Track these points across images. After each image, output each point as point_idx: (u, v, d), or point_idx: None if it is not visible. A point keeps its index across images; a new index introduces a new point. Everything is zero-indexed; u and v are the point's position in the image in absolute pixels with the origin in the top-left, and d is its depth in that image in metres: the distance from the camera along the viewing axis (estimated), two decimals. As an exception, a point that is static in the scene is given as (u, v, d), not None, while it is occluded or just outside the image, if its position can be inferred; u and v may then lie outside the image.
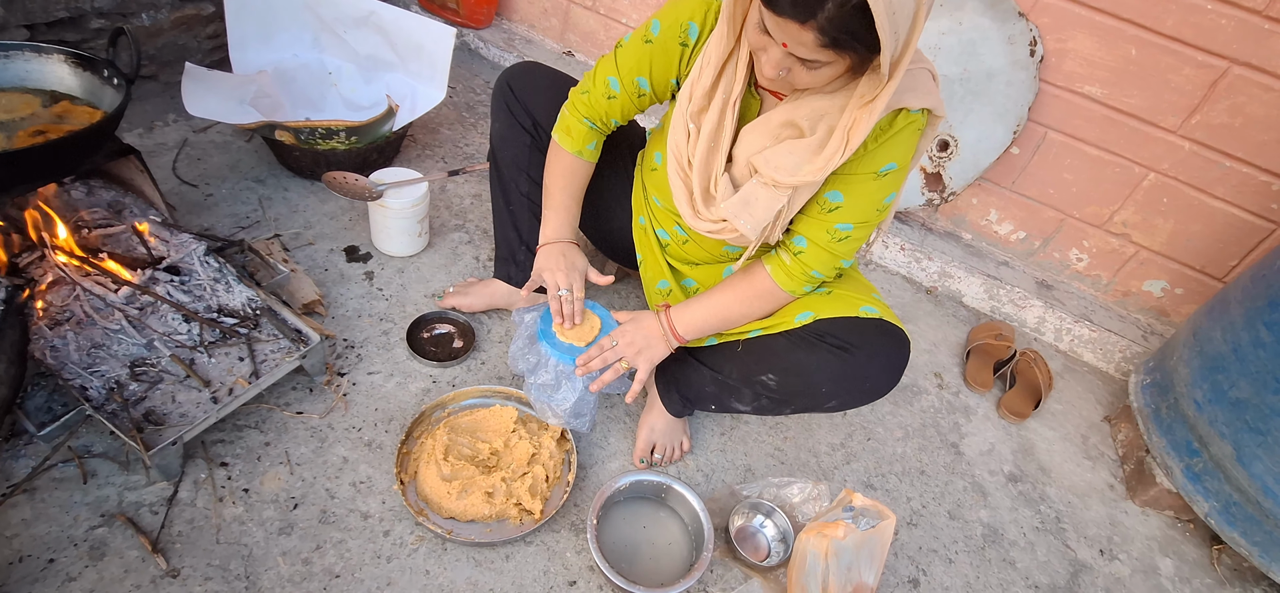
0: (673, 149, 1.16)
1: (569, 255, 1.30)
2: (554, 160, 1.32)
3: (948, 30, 1.76)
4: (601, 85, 1.23)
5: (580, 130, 1.28)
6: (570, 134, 1.28)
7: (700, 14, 1.11)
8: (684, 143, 1.13)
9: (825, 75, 0.92)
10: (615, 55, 1.21)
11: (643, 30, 1.17)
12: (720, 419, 1.53)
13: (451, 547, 1.20)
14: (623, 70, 1.20)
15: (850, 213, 1.10)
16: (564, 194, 1.32)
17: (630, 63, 1.19)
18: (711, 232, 1.18)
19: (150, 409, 1.17)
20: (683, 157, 1.15)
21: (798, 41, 0.86)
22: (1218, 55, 1.59)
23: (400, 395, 1.40)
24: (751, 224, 1.10)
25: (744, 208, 1.09)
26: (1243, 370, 1.40)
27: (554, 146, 1.31)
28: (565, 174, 1.31)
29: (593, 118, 1.27)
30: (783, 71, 0.93)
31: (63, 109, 1.34)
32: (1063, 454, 1.70)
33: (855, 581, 1.21)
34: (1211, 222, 1.77)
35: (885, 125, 1.03)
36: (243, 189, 1.75)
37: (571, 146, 1.29)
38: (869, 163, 1.06)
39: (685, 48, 1.14)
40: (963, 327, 2.00)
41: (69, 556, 1.06)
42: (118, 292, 1.27)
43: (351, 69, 2.01)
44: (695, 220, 1.18)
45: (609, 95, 1.22)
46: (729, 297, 1.23)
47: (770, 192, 1.07)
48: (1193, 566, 1.54)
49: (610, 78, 1.21)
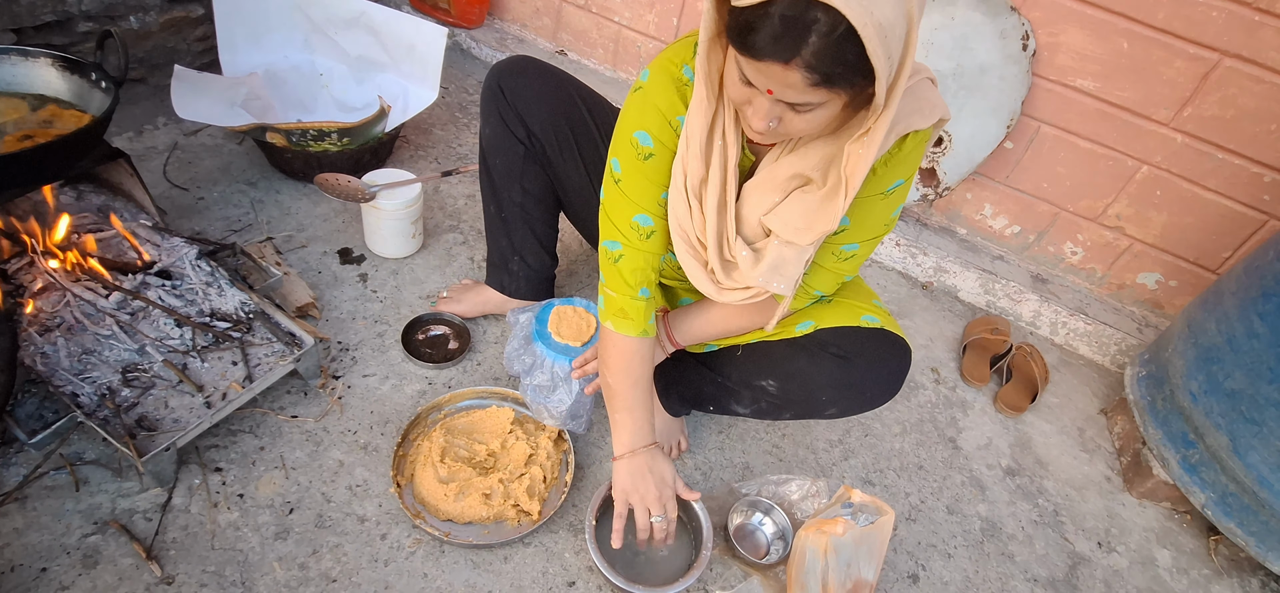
0: (678, 229, 1.05)
1: (657, 469, 1.16)
2: (611, 352, 1.15)
3: (940, 26, 1.76)
4: (635, 236, 1.08)
5: (637, 308, 1.11)
6: (627, 316, 1.11)
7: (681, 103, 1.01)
8: (688, 219, 1.03)
9: (821, 119, 0.81)
10: (617, 204, 1.07)
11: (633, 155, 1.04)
12: (718, 418, 1.53)
13: (449, 549, 1.19)
14: (645, 204, 1.06)
15: (857, 234, 1.06)
16: (634, 391, 1.15)
17: (641, 190, 1.05)
18: (745, 300, 1.08)
19: (143, 415, 1.16)
20: (691, 235, 1.05)
21: (784, 84, 0.76)
22: (1209, 47, 1.59)
23: (396, 398, 1.39)
24: (786, 285, 1.02)
25: (774, 273, 1.01)
26: (1237, 361, 1.41)
27: (608, 334, 1.14)
28: (628, 365, 1.14)
29: (646, 280, 1.11)
30: (773, 122, 0.82)
31: (50, 113, 1.33)
32: (1060, 448, 1.71)
33: (855, 577, 1.21)
34: (1204, 214, 1.78)
35: (894, 151, 0.97)
36: (234, 192, 1.74)
37: (636, 330, 1.12)
38: (876, 185, 1.01)
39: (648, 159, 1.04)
40: (959, 322, 2.00)
41: (62, 564, 1.05)
42: (108, 297, 1.26)
43: (343, 70, 2.00)
44: (721, 294, 1.09)
45: (648, 234, 1.08)
46: (729, 309, 1.20)
47: (796, 250, 0.99)
48: (1190, 557, 1.54)
49: (636, 217, 1.06)
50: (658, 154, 1.03)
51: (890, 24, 0.70)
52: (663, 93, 1.01)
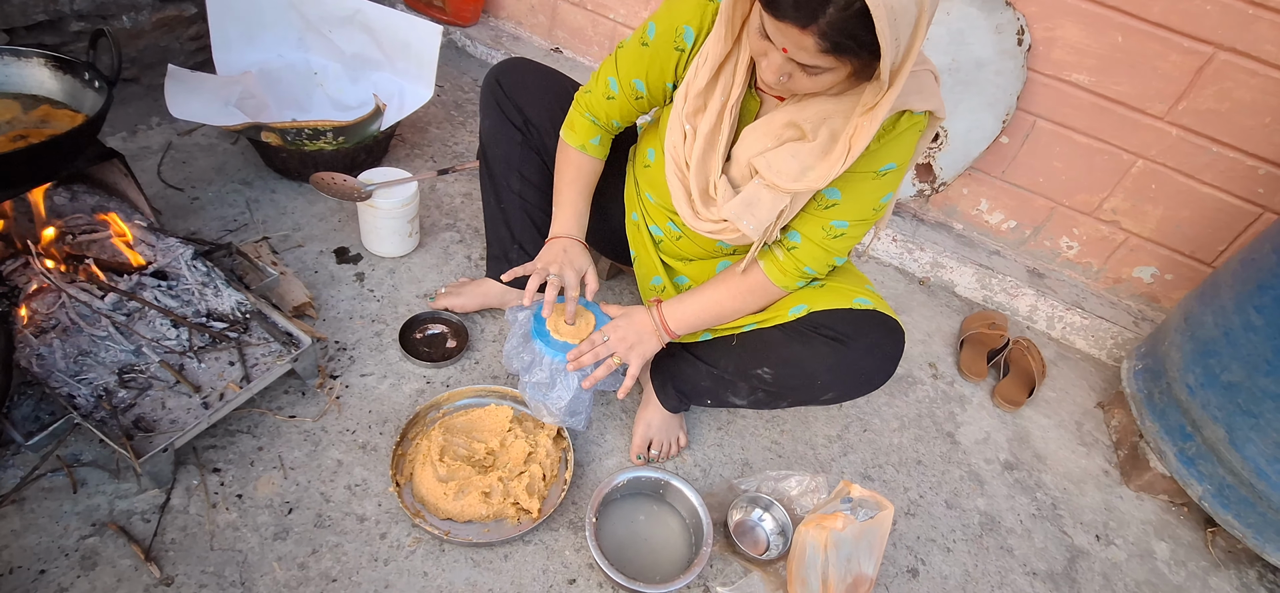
0: (670, 150, 1.15)
1: (571, 252, 1.28)
2: (561, 158, 1.31)
3: (936, 20, 1.76)
4: (601, 86, 1.22)
5: (583, 124, 1.27)
6: (573, 129, 1.28)
7: (696, 18, 1.09)
8: (681, 144, 1.12)
9: (826, 81, 0.91)
10: (615, 56, 1.20)
11: (640, 32, 1.16)
12: (717, 414, 1.53)
13: (449, 548, 1.19)
14: (621, 72, 1.19)
15: (847, 211, 1.09)
16: (571, 190, 1.31)
17: (628, 65, 1.18)
18: (711, 231, 1.16)
19: (140, 416, 1.16)
20: (680, 158, 1.14)
21: (799, 46, 0.84)
22: (1204, 41, 1.59)
23: (394, 397, 1.39)
24: (754, 225, 1.08)
25: (747, 209, 1.07)
26: (1234, 354, 1.41)
27: (561, 145, 1.31)
28: (572, 169, 1.30)
29: (594, 113, 1.26)
30: (783, 77, 0.91)
31: (44, 113, 1.32)
32: (1057, 441, 1.71)
33: (855, 572, 1.21)
34: (1200, 207, 1.78)
35: (888, 126, 1.02)
36: (229, 192, 1.73)
37: (575, 141, 1.28)
38: (870, 162, 1.05)
39: (680, 52, 1.12)
40: (956, 317, 2.00)
41: (60, 566, 1.05)
42: (104, 298, 1.25)
43: (338, 68, 1.99)
44: (695, 221, 1.17)
45: (608, 96, 1.22)
46: (721, 292, 1.23)
47: (773, 193, 1.05)
48: (1188, 549, 1.55)
49: (610, 78, 1.21)
50: (652, 48, 1.13)
51: (902, 9, 0.78)
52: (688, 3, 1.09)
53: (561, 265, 1.25)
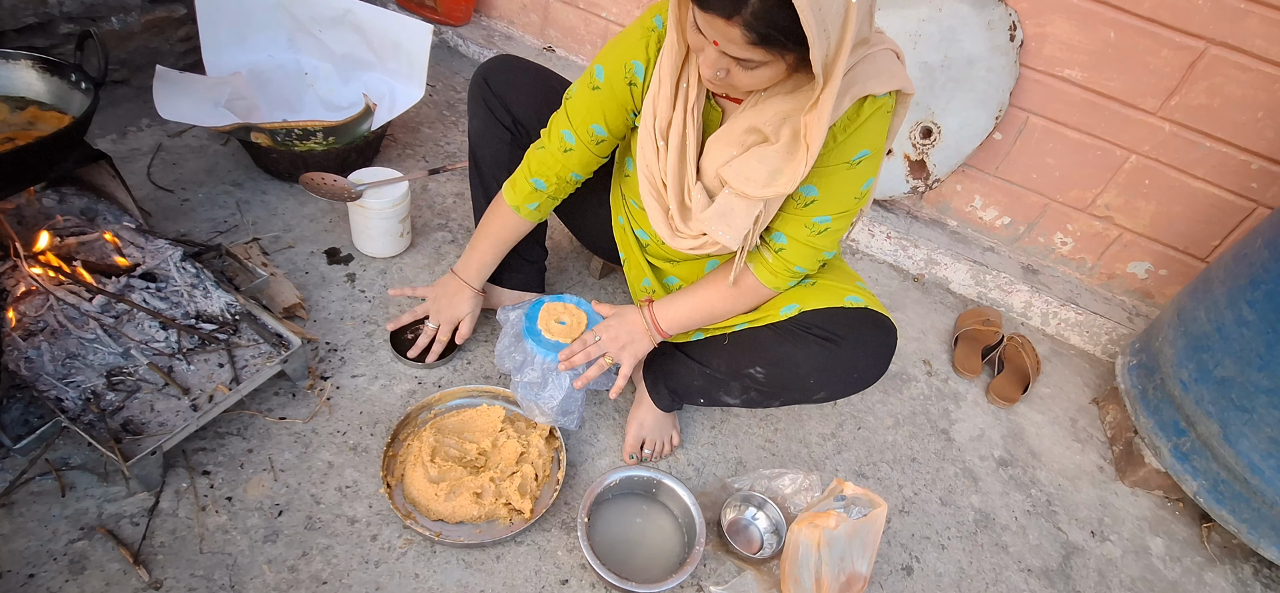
0: (643, 170, 1.13)
1: (457, 299, 1.40)
2: (493, 206, 1.35)
3: (928, 17, 1.76)
4: (556, 141, 1.21)
5: (525, 188, 1.28)
6: (515, 188, 1.30)
7: (641, 51, 1.09)
8: (654, 160, 1.11)
9: (764, 76, 0.90)
10: (565, 109, 1.19)
11: (587, 78, 1.15)
12: (710, 413, 1.53)
13: (441, 549, 1.19)
14: (575, 123, 1.18)
15: (827, 205, 1.08)
16: (489, 240, 1.37)
17: (581, 113, 1.17)
18: (693, 248, 1.15)
19: (128, 419, 1.15)
20: (655, 176, 1.12)
21: (727, 39, 0.84)
22: (1195, 36, 1.59)
23: (385, 398, 1.38)
24: (731, 235, 1.07)
25: (721, 220, 1.06)
26: (1227, 349, 1.41)
27: (497, 197, 1.34)
28: (497, 222, 1.35)
29: (544, 177, 1.25)
30: (720, 72, 0.91)
31: (31, 115, 1.31)
32: (1052, 438, 1.71)
33: (848, 570, 1.20)
34: (1193, 202, 1.78)
35: (852, 115, 1.00)
36: (219, 193, 1.72)
37: (511, 200, 1.30)
38: (840, 154, 1.04)
39: (633, 87, 1.12)
40: (950, 313, 2.00)
41: (49, 570, 1.04)
42: (92, 300, 1.24)
43: (328, 69, 1.98)
44: (674, 239, 1.16)
45: (565, 148, 1.21)
46: (712, 293, 1.22)
47: (745, 201, 1.04)
48: (1183, 544, 1.55)
49: (564, 131, 1.20)
50: (603, 90, 1.14)
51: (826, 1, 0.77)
52: (631, 36, 1.11)
53: (438, 311, 1.41)
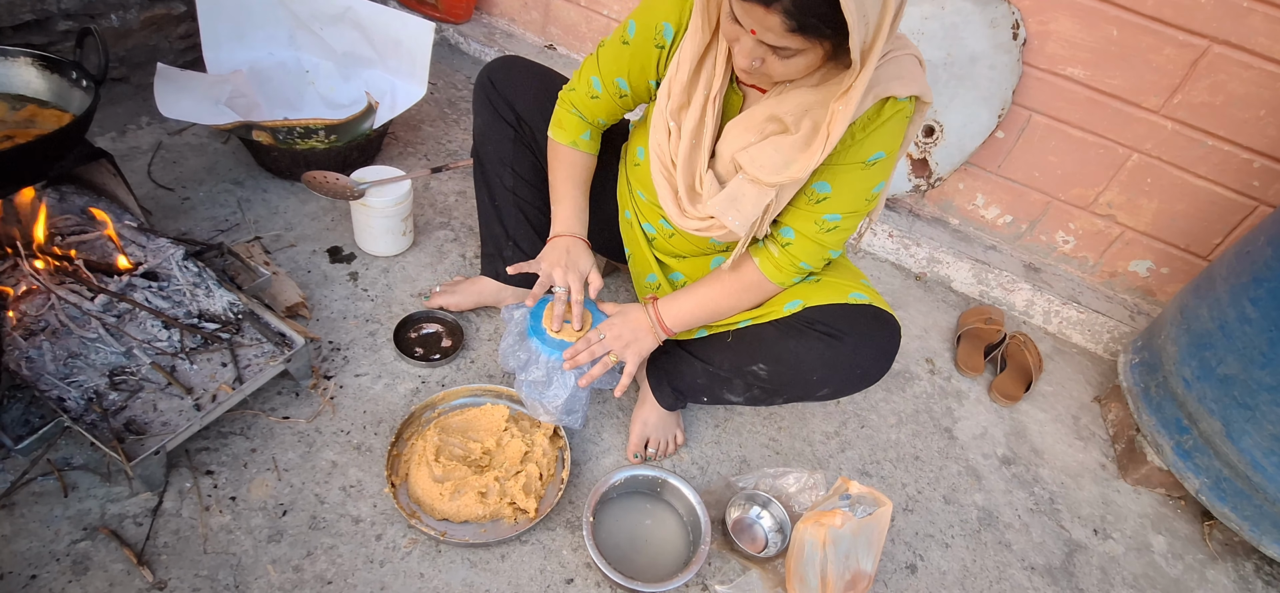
0: (655, 148, 1.14)
1: (573, 252, 1.28)
2: (553, 157, 1.31)
3: (930, 15, 1.76)
4: (585, 85, 1.23)
5: (571, 121, 1.27)
6: (562, 126, 1.28)
7: (674, 14, 1.09)
8: (665, 142, 1.12)
9: (799, 65, 0.90)
10: (597, 55, 1.20)
11: (621, 30, 1.16)
12: (714, 411, 1.52)
13: (445, 549, 1.18)
14: (603, 71, 1.19)
15: (838, 204, 1.08)
16: (567, 185, 1.30)
17: (609, 64, 1.18)
18: (699, 229, 1.16)
19: (131, 419, 1.14)
20: (666, 156, 1.13)
21: (765, 27, 0.84)
22: (1198, 34, 1.59)
23: (389, 397, 1.38)
24: (739, 221, 1.07)
25: (731, 205, 1.07)
26: (1230, 347, 1.41)
27: (551, 143, 1.31)
28: (565, 166, 1.30)
29: (581, 109, 1.26)
30: (756, 62, 0.91)
31: (30, 113, 1.30)
32: (1054, 436, 1.71)
33: (853, 569, 1.20)
34: (1195, 200, 1.78)
35: (872, 115, 1.00)
36: (221, 192, 1.71)
37: (566, 138, 1.28)
38: (856, 153, 1.04)
39: (661, 50, 1.12)
40: (952, 312, 2.00)
41: (51, 571, 1.03)
42: (94, 300, 1.24)
43: (329, 66, 1.97)
44: (681, 219, 1.17)
45: (593, 95, 1.22)
46: (717, 289, 1.22)
47: (757, 188, 1.05)
48: (1185, 542, 1.55)
49: (593, 78, 1.21)
50: (632, 47, 1.14)
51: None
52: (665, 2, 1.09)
53: (565, 267, 1.25)
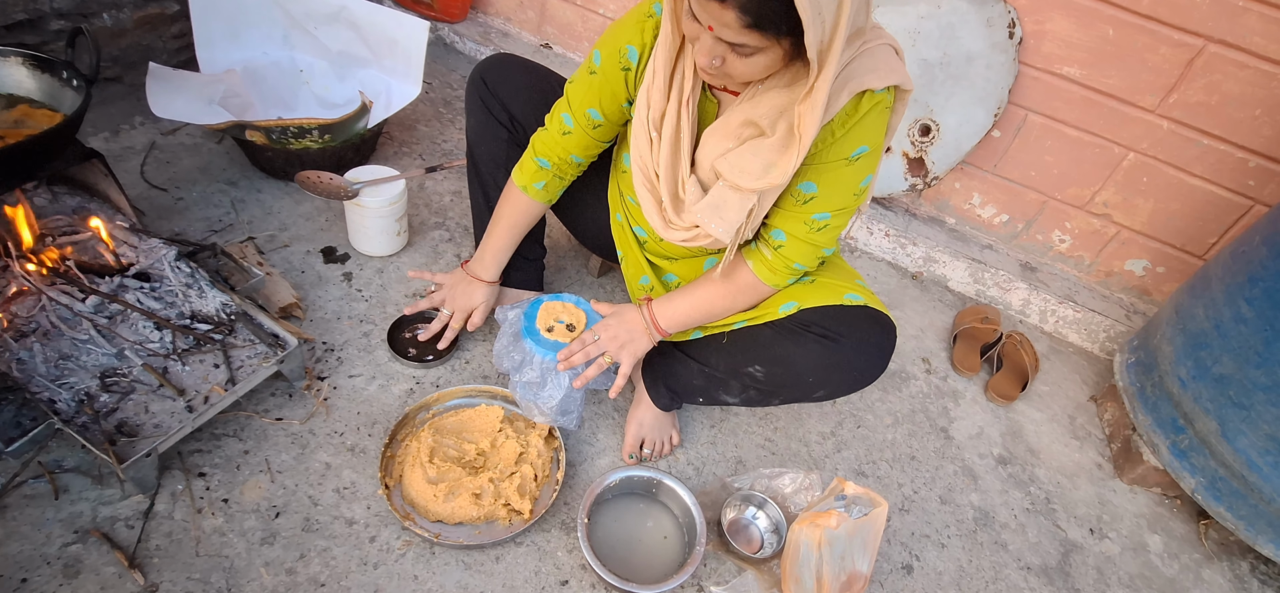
0: (637, 161, 1.14)
1: (471, 291, 1.41)
2: (504, 194, 1.36)
3: (927, 14, 1.76)
4: (556, 124, 1.24)
5: (531, 168, 1.29)
6: (522, 170, 1.31)
7: (636, 37, 1.09)
8: (648, 152, 1.12)
9: (760, 64, 0.90)
10: (567, 94, 1.21)
11: (587, 64, 1.17)
12: (709, 412, 1.52)
13: (440, 550, 1.18)
14: (574, 106, 1.20)
15: (826, 202, 1.07)
16: (501, 225, 1.37)
17: (579, 97, 1.19)
18: (685, 240, 1.16)
19: (123, 421, 1.14)
20: (649, 168, 1.13)
21: (722, 23, 0.84)
22: (1193, 33, 1.59)
23: (383, 398, 1.37)
24: (724, 228, 1.07)
25: (715, 213, 1.06)
26: (1225, 346, 1.41)
27: (508, 183, 1.34)
28: (509, 208, 1.35)
29: (547, 158, 1.27)
30: (716, 61, 0.90)
31: (22, 113, 1.29)
32: (1051, 435, 1.71)
33: (849, 569, 1.20)
34: (1190, 200, 1.79)
35: (851, 110, 0.99)
36: (214, 192, 1.70)
37: (520, 181, 1.31)
38: (838, 150, 1.02)
39: (627, 71, 1.13)
40: (949, 311, 2.00)
41: (43, 575, 1.03)
42: (85, 301, 1.23)
43: (323, 66, 1.96)
44: (667, 231, 1.17)
45: (564, 131, 1.23)
46: (711, 291, 1.21)
47: (739, 194, 1.04)
48: (1181, 541, 1.55)
49: (563, 114, 1.22)
50: (599, 75, 1.15)
51: None
52: (628, 24, 1.10)
53: (454, 298, 1.41)
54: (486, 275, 1.41)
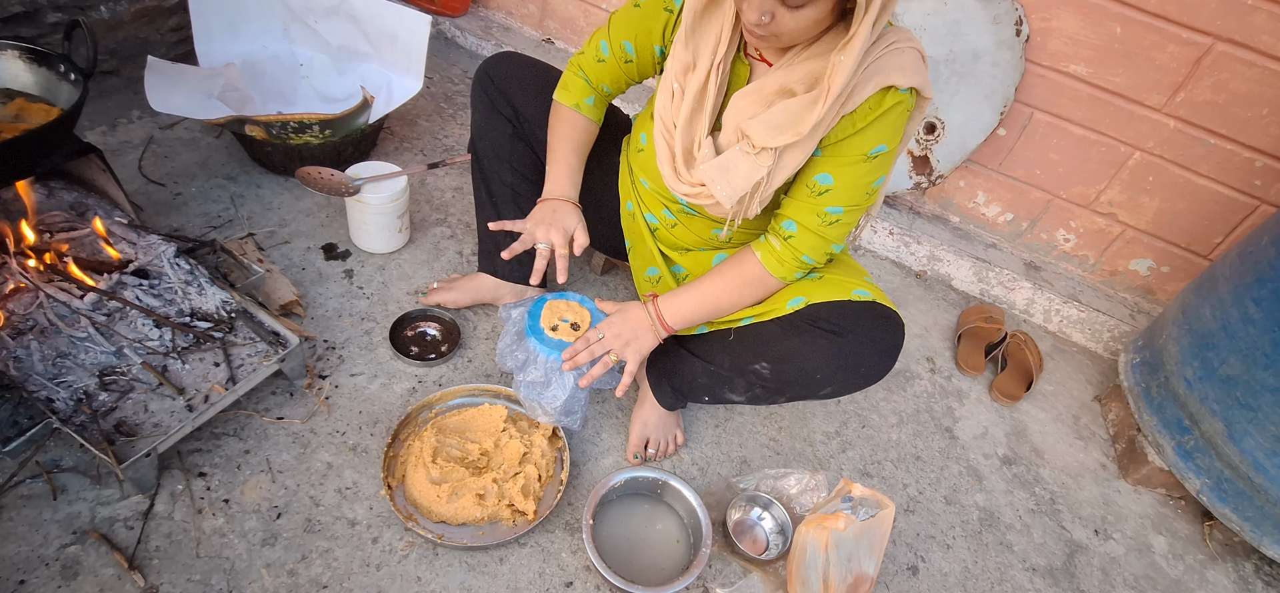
0: (659, 111, 1.15)
1: (560, 212, 1.27)
2: (554, 118, 1.31)
3: (933, 11, 1.74)
4: (592, 50, 1.24)
5: (577, 84, 1.28)
6: (567, 88, 1.29)
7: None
8: (669, 103, 1.12)
9: (809, 18, 0.89)
10: (609, 22, 1.22)
11: None
12: (714, 411, 1.51)
13: (443, 552, 1.17)
14: (613, 35, 1.21)
15: (840, 196, 1.07)
16: (563, 147, 1.30)
17: (619, 27, 1.20)
18: (689, 194, 1.15)
19: (121, 420, 1.12)
20: (668, 118, 1.13)
21: None
22: (1201, 32, 1.58)
23: (385, 397, 1.36)
24: (728, 192, 1.06)
25: (722, 173, 1.06)
26: (1232, 347, 1.41)
27: (555, 105, 1.31)
28: (565, 126, 1.30)
29: (585, 71, 1.27)
30: (765, 16, 0.89)
31: (18, 107, 1.27)
32: (1055, 435, 1.71)
33: (855, 571, 1.19)
34: (1196, 199, 1.78)
35: (874, 103, 0.99)
36: (213, 187, 1.69)
37: (569, 100, 1.29)
38: (858, 144, 1.02)
39: (670, 14, 1.14)
40: (953, 310, 1.99)
41: (40, 576, 1.01)
42: (83, 298, 1.21)
43: (324, 60, 1.95)
44: (675, 182, 1.16)
45: (599, 59, 1.23)
46: (718, 284, 1.20)
47: (751, 161, 1.03)
48: (1185, 542, 1.55)
49: (602, 42, 1.23)
50: (642, 10, 1.16)
51: None
52: None
53: (548, 225, 1.24)
54: (571, 195, 1.30)
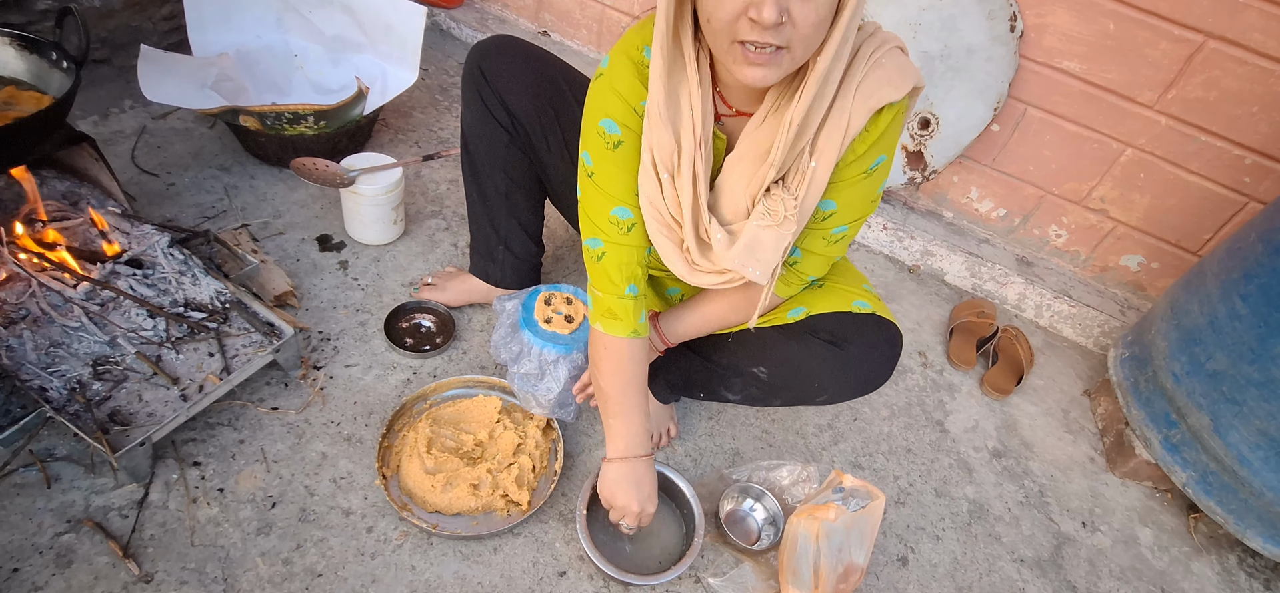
0: (649, 208, 1.01)
1: (641, 483, 1.13)
2: (601, 353, 1.12)
3: (928, 6, 1.75)
4: (612, 228, 1.03)
5: (625, 308, 1.07)
6: (615, 316, 1.08)
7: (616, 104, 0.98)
8: (659, 197, 0.99)
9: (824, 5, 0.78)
10: (593, 198, 1.04)
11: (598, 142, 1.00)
12: (707, 404, 1.52)
13: (437, 541, 1.17)
14: (618, 193, 1.02)
15: (845, 216, 1.04)
16: (625, 394, 1.12)
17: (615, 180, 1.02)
18: (714, 283, 1.06)
19: (115, 409, 1.12)
20: (664, 214, 1.00)
21: None
22: (1194, 29, 1.59)
23: (380, 388, 1.36)
24: (761, 270, 0.98)
25: (749, 255, 0.97)
26: (1219, 343, 1.42)
27: (597, 336, 1.11)
28: (619, 367, 1.11)
29: (633, 279, 1.07)
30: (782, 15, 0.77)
31: (9, 95, 1.27)
32: (1045, 429, 1.72)
33: (846, 561, 1.21)
34: (1187, 196, 1.79)
35: (871, 127, 0.95)
36: (207, 177, 1.68)
37: (623, 330, 1.08)
38: (858, 166, 0.99)
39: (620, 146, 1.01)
40: (945, 305, 2.00)
41: (34, 564, 1.01)
42: (76, 287, 1.21)
43: (318, 51, 1.94)
44: (691, 274, 1.06)
45: (628, 226, 1.04)
46: (722, 305, 1.19)
47: (775, 232, 0.95)
48: (1170, 534, 1.57)
49: (613, 211, 1.03)
50: (626, 141, 0.99)
51: None
52: (623, 77, 0.97)
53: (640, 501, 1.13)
54: (648, 448, 1.16)
